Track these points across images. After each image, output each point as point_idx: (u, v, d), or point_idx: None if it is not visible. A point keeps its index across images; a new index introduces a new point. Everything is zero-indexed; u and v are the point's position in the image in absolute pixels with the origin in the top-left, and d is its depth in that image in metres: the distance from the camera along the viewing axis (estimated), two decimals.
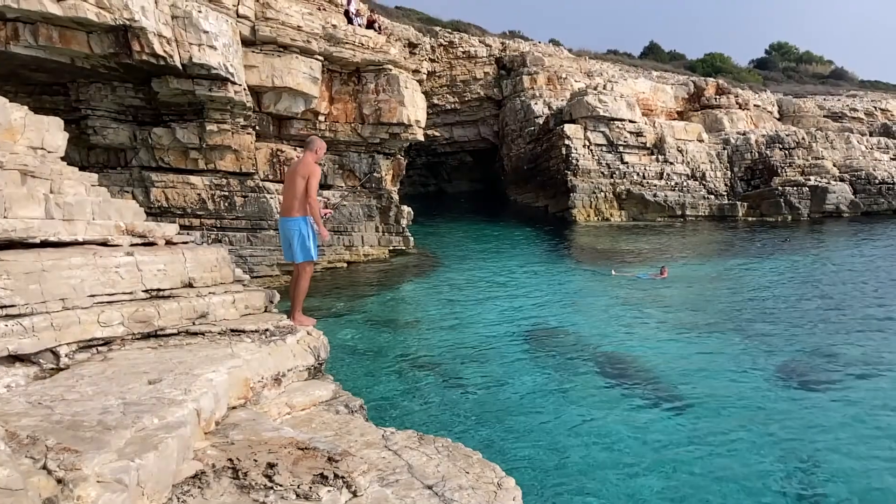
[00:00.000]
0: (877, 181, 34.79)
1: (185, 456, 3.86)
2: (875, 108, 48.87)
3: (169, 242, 6.62)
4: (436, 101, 37.64)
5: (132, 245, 6.13)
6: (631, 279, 20.04)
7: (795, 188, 33.87)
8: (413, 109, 22.47)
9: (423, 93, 24.65)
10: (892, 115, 48.49)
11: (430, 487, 4.34)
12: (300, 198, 7.35)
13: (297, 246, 7.36)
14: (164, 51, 15.36)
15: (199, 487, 3.72)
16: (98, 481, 3.06)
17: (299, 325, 6.71)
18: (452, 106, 39.40)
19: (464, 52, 39.24)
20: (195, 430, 4.18)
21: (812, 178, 34.54)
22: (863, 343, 13.46)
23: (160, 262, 6.08)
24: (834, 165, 35.99)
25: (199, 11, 16.07)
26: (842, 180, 34.80)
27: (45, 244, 5.33)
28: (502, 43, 41.69)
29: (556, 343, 13.78)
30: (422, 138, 24.15)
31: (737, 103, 41.52)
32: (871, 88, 60.23)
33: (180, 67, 16.06)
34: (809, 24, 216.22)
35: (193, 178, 18.70)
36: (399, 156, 23.97)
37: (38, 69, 15.59)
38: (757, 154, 36.62)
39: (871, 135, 42.02)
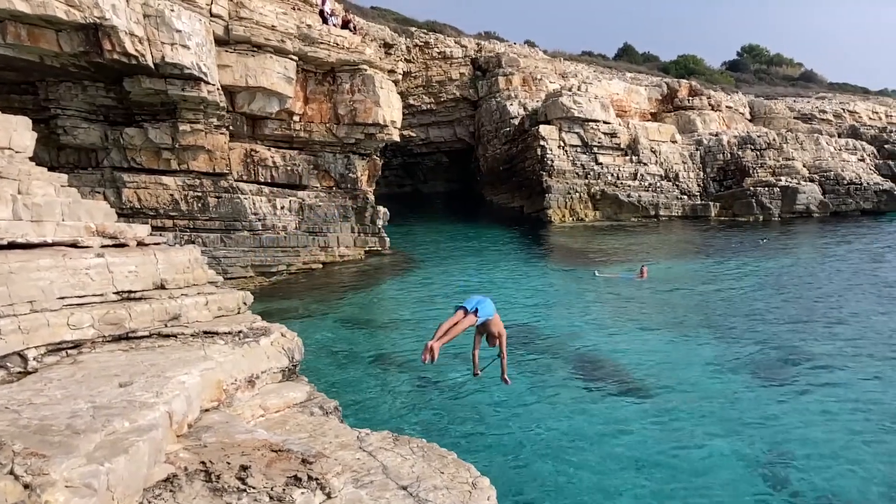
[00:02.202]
0: (845, 182, 35.43)
1: (156, 459, 3.82)
2: (843, 110, 49.78)
3: (140, 244, 6.56)
4: (411, 102, 37.58)
5: (103, 246, 6.06)
6: (612, 280, 20.20)
7: (767, 188, 34.37)
8: (388, 110, 22.43)
9: (398, 93, 24.62)
10: (859, 117, 49.43)
11: (404, 488, 4.34)
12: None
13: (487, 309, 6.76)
14: (136, 50, 15.19)
15: (170, 491, 3.69)
16: (66, 486, 3.03)
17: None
18: (428, 106, 39.36)
19: (439, 53, 39.22)
20: (167, 433, 4.14)
21: (783, 178, 35.08)
22: (826, 340, 13.76)
23: (131, 263, 6.02)
24: (804, 166, 36.58)
25: (172, 10, 15.91)
26: (811, 181, 35.38)
27: (12, 245, 5.25)
28: (478, 44, 41.74)
29: (531, 342, 13.83)
30: (397, 139, 24.14)
31: (709, 105, 42.00)
32: (840, 91, 61.26)
33: (152, 67, 15.89)
34: (780, 27, 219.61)
35: (166, 179, 18.50)
36: (375, 156, 23.92)
37: (6, 67, 15.32)
38: (729, 155, 37.10)
39: (839, 136, 42.77)
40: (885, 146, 41.32)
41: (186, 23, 16.28)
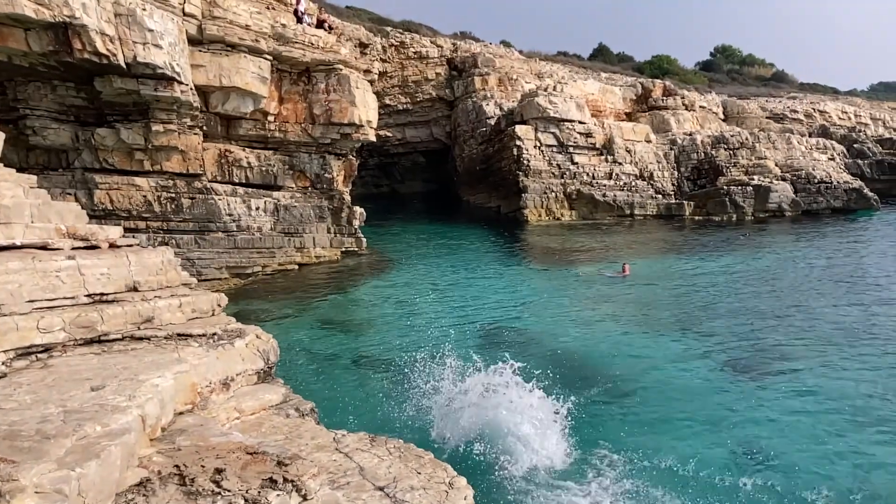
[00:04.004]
0: (816, 180, 35.99)
1: (129, 463, 3.78)
2: (814, 109, 50.64)
3: (113, 245, 6.47)
4: (387, 102, 37.53)
5: (74, 248, 5.97)
6: (594, 278, 20.35)
7: (740, 187, 34.80)
8: (364, 110, 22.36)
9: (374, 93, 24.55)
10: (829, 116, 50.32)
11: (381, 489, 4.34)
12: None
13: None
14: (107, 49, 14.98)
15: (144, 495, 3.65)
16: (36, 492, 2.98)
17: None
18: (404, 106, 39.32)
19: (415, 53, 39.19)
20: (140, 436, 4.09)
21: (755, 177, 35.54)
22: (802, 337, 13.97)
23: (103, 265, 5.94)
24: (776, 165, 37.10)
25: (144, 9, 15.71)
26: (783, 180, 35.90)
27: None
28: (454, 44, 41.76)
29: (509, 341, 13.86)
30: (373, 139, 24.07)
31: (683, 104, 42.42)
32: (810, 91, 62.32)
33: (124, 66, 15.68)
34: (752, 27, 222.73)
35: (139, 180, 18.27)
36: (351, 156, 23.83)
37: None
38: (703, 154, 37.51)
39: (810, 135, 43.47)
40: (854, 145, 42.10)
41: (159, 22, 16.09)
